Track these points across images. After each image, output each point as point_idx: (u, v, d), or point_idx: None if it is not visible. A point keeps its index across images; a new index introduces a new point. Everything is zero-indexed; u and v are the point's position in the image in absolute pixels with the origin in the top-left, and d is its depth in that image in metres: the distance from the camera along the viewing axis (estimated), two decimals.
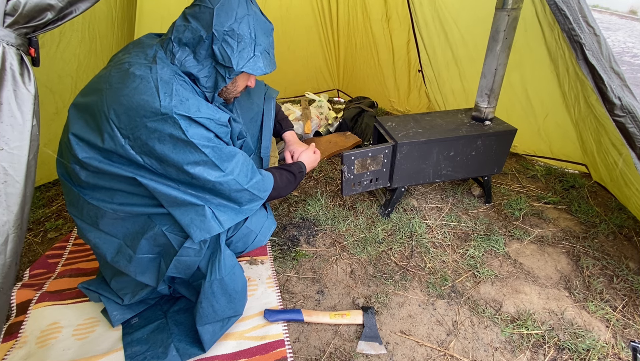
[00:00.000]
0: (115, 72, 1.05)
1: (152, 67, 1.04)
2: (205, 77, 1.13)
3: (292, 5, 3.01)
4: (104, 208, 1.14)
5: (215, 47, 1.08)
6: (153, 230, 1.19)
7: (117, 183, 1.11)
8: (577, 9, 1.28)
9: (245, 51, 1.10)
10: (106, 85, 1.04)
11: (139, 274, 1.24)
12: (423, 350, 1.33)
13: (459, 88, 2.59)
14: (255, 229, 1.46)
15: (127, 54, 1.11)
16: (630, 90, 1.32)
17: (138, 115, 1.00)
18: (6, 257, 0.80)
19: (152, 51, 1.10)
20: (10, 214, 0.80)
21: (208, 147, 1.07)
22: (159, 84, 1.01)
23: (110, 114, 1.01)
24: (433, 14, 2.40)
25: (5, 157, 0.78)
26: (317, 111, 2.94)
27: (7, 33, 0.79)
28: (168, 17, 2.45)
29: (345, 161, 1.68)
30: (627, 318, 1.43)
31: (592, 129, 1.88)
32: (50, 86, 1.89)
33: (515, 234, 1.85)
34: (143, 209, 1.16)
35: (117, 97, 1.01)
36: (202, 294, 1.24)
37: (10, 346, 1.25)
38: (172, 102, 1.01)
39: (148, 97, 1.00)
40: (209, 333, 1.25)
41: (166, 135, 1.02)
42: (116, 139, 1.02)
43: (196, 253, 1.24)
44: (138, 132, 1.01)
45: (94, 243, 1.21)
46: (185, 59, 1.10)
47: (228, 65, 1.10)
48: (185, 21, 1.09)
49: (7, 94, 0.78)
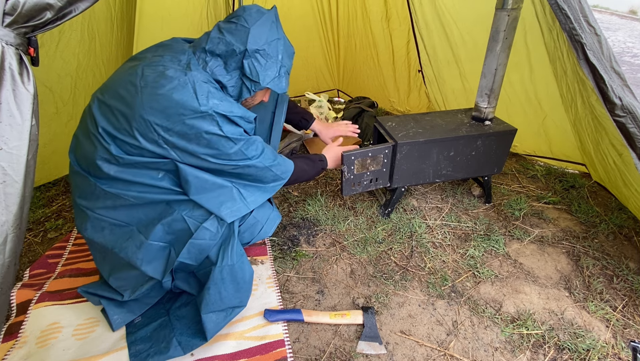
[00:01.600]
0: (150, 72, 1.13)
1: (187, 72, 1.14)
2: (232, 86, 1.25)
3: (293, 5, 3.01)
4: (123, 196, 1.19)
5: (246, 62, 1.20)
6: (171, 216, 1.25)
7: (140, 177, 1.18)
8: (577, 9, 1.28)
9: (271, 70, 1.23)
10: (141, 82, 1.11)
11: (145, 263, 1.25)
12: (423, 350, 1.32)
13: (459, 88, 2.59)
14: (261, 220, 1.52)
15: (159, 57, 1.19)
16: (630, 90, 1.32)
17: (176, 113, 1.10)
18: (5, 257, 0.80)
19: (185, 57, 1.20)
20: (9, 214, 0.80)
21: (240, 141, 1.21)
22: (196, 86, 1.12)
23: (146, 111, 1.09)
24: (433, 13, 2.40)
25: (4, 157, 0.78)
26: (317, 111, 2.94)
27: (6, 32, 0.78)
28: (168, 17, 2.48)
29: (345, 161, 1.68)
30: (627, 318, 1.43)
31: (589, 129, 1.88)
32: (50, 86, 1.89)
33: (515, 234, 1.85)
34: (163, 197, 1.23)
35: (154, 96, 1.09)
36: (211, 281, 1.27)
37: (10, 346, 1.25)
38: (209, 102, 1.12)
39: (187, 97, 1.10)
40: (212, 321, 1.26)
41: (202, 131, 1.13)
42: (151, 136, 1.11)
43: (212, 236, 1.29)
44: (175, 128, 1.11)
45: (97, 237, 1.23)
46: (215, 68, 1.21)
47: (255, 79, 1.22)
48: (221, 34, 1.20)
49: (6, 93, 0.78)
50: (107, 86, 1.19)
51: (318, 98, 3.07)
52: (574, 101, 1.89)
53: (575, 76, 1.76)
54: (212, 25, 2.72)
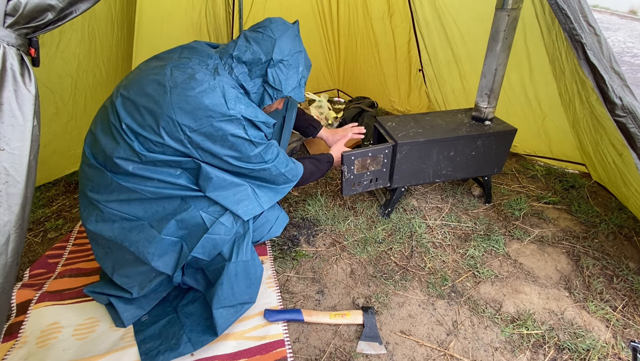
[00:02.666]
0: (179, 74, 1.17)
1: (215, 77, 1.20)
2: (254, 93, 1.31)
3: (293, 4, 3.01)
4: (139, 191, 1.21)
5: (270, 71, 1.27)
6: (187, 211, 1.27)
7: (157, 174, 1.20)
8: (577, 9, 1.28)
9: (292, 79, 1.31)
10: (170, 83, 1.15)
11: (156, 258, 1.26)
12: (423, 350, 1.33)
13: (460, 87, 2.59)
14: (271, 219, 1.57)
15: (186, 59, 1.23)
16: (630, 90, 1.32)
17: (205, 115, 1.14)
18: (7, 257, 0.80)
19: (212, 62, 1.25)
20: (12, 215, 0.80)
21: (261, 145, 1.28)
22: (225, 91, 1.18)
23: (175, 112, 1.13)
24: (433, 13, 2.40)
25: (6, 157, 0.78)
26: (317, 110, 2.94)
27: (8, 33, 0.78)
28: (168, 17, 2.48)
29: (345, 161, 1.68)
30: (627, 318, 1.44)
31: (589, 130, 1.88)
32: (50, 86, 1.89)
33: (515, 234, 1.85)
34: (179, 192, 1.26)
35: (184, 97, 1.13)
36: (225, 276, 1.30)
37: (10, 346, 1.25)
38: (237, 106, 1.18)
39: (217, 100, 1.15)
40: (223, 317, 1.28)
41: (228, 134, 1.18)
42: (177, 135, 1.15)
43: (227, 231, 1.31)
44: (202, 129, 1.15)
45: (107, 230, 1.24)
46: (240, 74, 1.27)
47: (278, 88, 1.29)
48: (247, 43, 1.27)
49: (8, 94, 0.78)
50: (131, 82, 1.21)
51: (318, 98, 3.07)
52: (572, 101, 1.90)
53: (574, 77, 1.76)
54: (211, 24, 2.72)
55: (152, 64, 1.25)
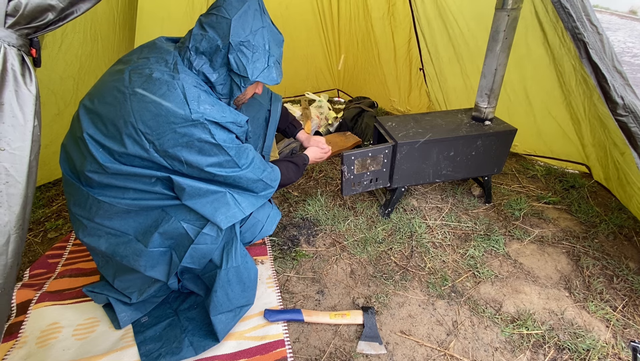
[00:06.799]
0: (137, 78, 1.07)
1: (174, 76, 1.08)
2: (220, 84, 1.18)
3: (292, 3, 3.00)
4: (116, 205, 1.15)
5: (231, 57, 1.12)
6: (168, 222, 1.22)
7: (132, 182, 1.13)
8: (580, 8, 1.28)
9: (259, 62, 1.16)
10: (128, 90, 1.05)
11: (149, 268, 1.25)
12: (423, 350, 1.33)
13: (461, 86, 2.59)
14: (261, 219, 1.52)
15: (145, 59, 1.12)
16: (632, 89, 1.32)
17: (167, 121, 1.05)
18: (8, 257, 0.80)
19: (171, 58, 1.13)
20: (12, 215, 0.80)
21: (232, 149, 1.16)
22: (185, 91, 1.06)
23: (136, 120, 1.04)
24: (435, 11, 2.40)
25: (7, 158, 0.78)
26: (317, 111, 2.94)
27: (9, 34, 0.78)
28: (168, 18, 2.48)
29: (345, 161, 1.68)
30: (627, 318, 1.44)
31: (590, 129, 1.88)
32: (52, 88, 1.89)
33: (515, 234, 1.85)
34: (157, 202, 1.19)
35: (144, 103, 1.04)
36: (217, 283, 1.27)
37: (10, 346, 1.25)
38: (200, 108, 1.07)
39: (177, 104, 1.05)
40: (222, 323, 1.27)
41: (195, 139, 1.08)
42: (141, 144, 1.06)
43: (213, 240, 1.27)
44: (165, 137, 1.06)
45: (96, 244, 1.21)
46: (202, 67, 1.14)
47: (243, 74, 1.15)
48: (203, 30, 1.13)
49: (9, 94, 0.78)
50: (93, 92, 1.14)
51: (318, 98, 3.08)
52: (574, 100, 1.89)
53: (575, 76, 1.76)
54: None
55: (113, 68, 1.16)
